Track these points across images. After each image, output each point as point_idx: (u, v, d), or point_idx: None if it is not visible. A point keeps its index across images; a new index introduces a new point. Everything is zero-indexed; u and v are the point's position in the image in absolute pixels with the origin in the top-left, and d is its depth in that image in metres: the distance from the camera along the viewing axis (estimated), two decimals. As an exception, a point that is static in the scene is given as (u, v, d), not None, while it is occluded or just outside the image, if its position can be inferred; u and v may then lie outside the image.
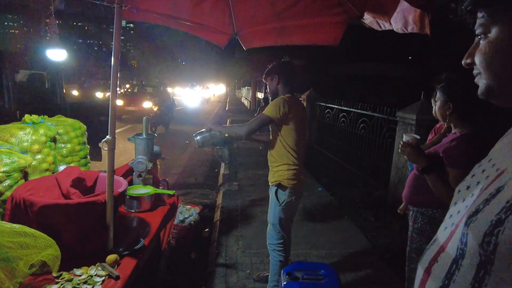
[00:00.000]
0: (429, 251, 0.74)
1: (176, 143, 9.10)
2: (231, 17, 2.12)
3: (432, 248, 0.74)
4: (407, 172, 4.38)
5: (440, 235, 0.74)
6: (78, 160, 2.17)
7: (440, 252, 0.69)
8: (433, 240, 0.76)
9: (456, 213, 0.73)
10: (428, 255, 0.73)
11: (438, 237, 0.75)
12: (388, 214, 4.16)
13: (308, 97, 8.89)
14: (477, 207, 0.61)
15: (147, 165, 2.25)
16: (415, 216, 1.99)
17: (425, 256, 0.75)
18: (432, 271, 0.69)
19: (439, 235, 0.75)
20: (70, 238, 1.49)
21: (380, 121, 5.44)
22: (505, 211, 0.55)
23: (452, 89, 1.81)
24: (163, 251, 2.54)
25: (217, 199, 4.74)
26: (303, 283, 1.79)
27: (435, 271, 0.68)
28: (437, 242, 0.73)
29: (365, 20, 1.64)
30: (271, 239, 2.38)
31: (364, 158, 6.05)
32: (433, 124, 2.56)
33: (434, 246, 0.73)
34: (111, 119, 1.47)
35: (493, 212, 0.57)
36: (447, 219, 0.76)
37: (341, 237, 3.56)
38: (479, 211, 0.60)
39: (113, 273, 1.40)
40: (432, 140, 2.18)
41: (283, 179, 2.25)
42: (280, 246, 2.36)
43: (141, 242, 1.66)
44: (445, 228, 0.74)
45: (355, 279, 2.81)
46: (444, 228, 0.74)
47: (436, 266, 0.68)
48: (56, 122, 2.10)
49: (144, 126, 2.32)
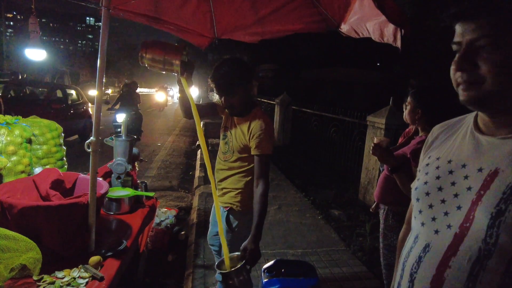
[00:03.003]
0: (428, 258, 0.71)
1: (149, 145, 8.93)
2: (213, 22, 2.17)
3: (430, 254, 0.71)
4: (376, 173, 4.59)
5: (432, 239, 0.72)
6: (55, 162, 2.12)
7: (451, 256, 0.67)
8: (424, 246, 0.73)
9: (442, 215, 0.72)
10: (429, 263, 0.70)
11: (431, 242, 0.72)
12: (360, 214, 4.35)
13: (281, 101, 9.05)
14: (496, 207, 0.63)
15: (127, 167, 2.23)
16: (386, 214, 2.13)
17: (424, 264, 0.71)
18: (447, 277, 0.66)
19: (430, 240, 0.72)
20: (51, 240, 1.47)
21: (351, 125, 5.66)
22: None
23: (422, 95, 1.96)
24: (141, 253, 2.52)
25: (193, 201, 4.72)
26: (283, 280, 1.85)
27: (451, 277, 0.66)
28: (435, 247, 0.71)
29: (342, 29, 1.74)
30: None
31: (336, 160, 6.26)
32: (401, 128, 2.74)
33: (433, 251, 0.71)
34: (95, 120, 1.46)
35: None
36: (428, 222, 0.75)
37: (316, 237, 3.68)
38: (504, 210, 0.62)
39: (97, 274, 1.40)
40: (401, 142, 2.34)
41: (235, 202, 1.92)
42: None
43: (123, 243, 1.65)
44: (435, 231, 0.72)
45: (331, 276, 2.92)
46: (434, 231, 0.72)
47: (451, 272, 0.66)
48: (31, 123, 2.04)
49: (124, 127, 2.30)
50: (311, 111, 7.45)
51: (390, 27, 1.41)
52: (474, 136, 0.74)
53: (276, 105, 9.50)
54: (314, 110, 7.26)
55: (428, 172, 0.80)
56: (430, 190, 0.76)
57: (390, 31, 1.46)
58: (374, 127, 4.78)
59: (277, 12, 1.92)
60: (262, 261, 3.06)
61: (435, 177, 0.77)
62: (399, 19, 1.26)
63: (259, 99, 12.54)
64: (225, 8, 2.07)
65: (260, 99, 12.34)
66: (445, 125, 0.88)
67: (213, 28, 2.19)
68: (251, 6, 1.94)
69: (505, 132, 0.69)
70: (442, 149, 0.82)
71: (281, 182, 5.76)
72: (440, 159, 0.79)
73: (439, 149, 0.83)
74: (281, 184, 5.60)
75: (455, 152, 0.77)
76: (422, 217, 0.77)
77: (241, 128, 1.87)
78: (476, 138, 0.74)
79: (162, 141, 9.75)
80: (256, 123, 1.80)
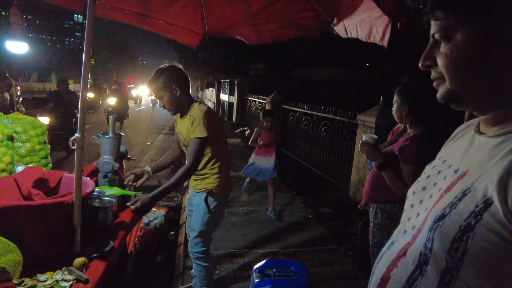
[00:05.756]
0: (387, 255, 0.70)
1: (137, 144, 8.81)
2: (203, 18, 2.12)
3: (389, 252, 0.70)
4: (366, 172, 4.61)
5: (398, 239, 0.70)
6: (38, 160, 2.05)
7: (401, 256, 0.65)
8: (390, 244, 0.72)
9: (415, 216, 0.70)
10: (385, 260, 0.69)
11: (395, 240, 0.71)
12: (351, 212, 4.35)
13: (272, 100, 9.03)
14: (442, 211, 0.58)
15: (114, 166, 2.17)
16: (375, 212, 2.12)
17: (382, 261, 0.70)
18: (392, 276, 0.65)
19: (397, 239, 0.71)
20: (33, 242, 1.41)
21: (341, 124, 5.67)
22: (475, 216, 0.52)
23: (408, 92, 1.96)
24: (129, 254, 2.46)
25: (183, 201, 4.66)
26: (275, 280, 1.82)
27: (395, 276, 0.64)
28: (395, 246, 0.69)
29: (334, 25, 1.72)
30: (195, 247, 2.24)
31: (326, 159, 6.27)
32: (392, 127, 2.74)
33: (392, 250, 0.69)
34: (80, 117, 1.41)
35: (461, 216, 0.54)
36: (405, 222, 0.73)
37: (307, 236, 3.66)
38: (445, 215, 0.56)
39: (82, 276, 1.34)
40: (390, 140, 2.34)
41: (214, 186, 2.16)
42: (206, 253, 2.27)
43: (110, 244, 1.60)
44: (404, 231, 0.70)
45: (323, 275, 2.91)
46: (403, 231, 0.70)
47: (396, 271, 0.64)
48: (13, 120, 1.97)
49: (111, 125, 2.24)
50: (301, 110, 7.45)
51: (380, 25, 1.39)
52: (472, 136, 0.69)
53: (267, 104, 9.47)
54: (304, 109, 7.26)
55: (426, 171, 0.77)
56: (417, 190, 0.74)
57: (380, 29, 1.44)
58: (365, 126, 4.79)
59: (269, 8, 1.89)
60: (253, 261, 3.04)
61: (426, 176, 0.74)
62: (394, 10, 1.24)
63: (250, 98, 12.51)
64: (215, 3, 2.03)
65: (251, 98, 12.31)
66: (466, 125, 0.80)
67: (204, 24, 2.15)
68: (242, 1, 1.90)
69: (496, 129, 0.62)
70: (448, 150, 0.77)
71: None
72: (440, 159, 0.76)
73: (447, 149, 0.78)
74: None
75: (452, 152, 0.73)
76: (403, 216, 0.75)
77: (185, 125, 2.12)
78: (472, 138, 0.69)
79: (151, 140, 9.64)
80: (192, 114, 2.06)
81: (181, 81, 2.09)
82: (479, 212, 0.52)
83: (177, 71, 2.11)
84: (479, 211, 0.52)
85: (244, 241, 3.48)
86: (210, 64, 28.82)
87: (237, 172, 6.47)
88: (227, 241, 3.44)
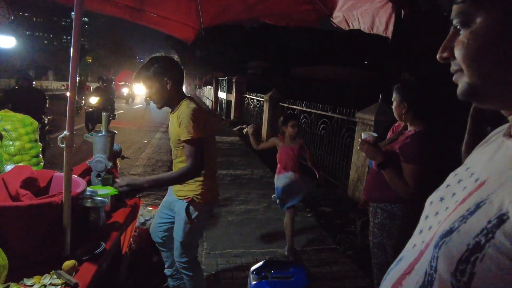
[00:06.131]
0: (393, 272, 0.63)
1: (134, 142, 8.74)
2: (198, 11, 2.06)
3: (397, 268, 0.62)
4: (365, 170, 4.57)
5: (407, 254, 0.63)
6: (29, 159, 1.98)
7: (406, 274, 0.58)
8: (398, 259, 0.65)
9: (427, 229, 0.60)
10: (391, 277, 0.62)
11: (404, 256, 0.63)
12: (350, 211, 4.31)
13: (270, 98, 8.99)
14: (451, 225, 0.49)
15: (107, 164, 2.11)
16: (375, 211, 2.07)
17: (388, 278, 0.63)
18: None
19: (405, 254, 0.64)
20: (20, 244, 1.35)
21: (340, 122, 5.62)
22: (486, 233, 0.44)
23: (406, 89, 1.92)
24: (123, 255, 2.40)
25: (180, 200, 4.61)
26: (272, 282, 1.78)
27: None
28: (403, 262, 0.62)
29: (334, 19, 1.67)
30: (179, 258, 2.13)
31: (325, 157, 6.22)
32: (391, 125, 2.69)
33: (399, 266, 0.62)
34: (69, 114, 1.35)
35: (470, 233, 0.46)
36: (416, 234, 0.64)
37: (306, 235, 3.62)
38: (453, 230, 0.48)
39: (71, 280, 1.29)
40: (390, 138, 2.29)
41: (195, 195, 1.99)
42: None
43: (101, 246, 1.54)
44: (413, 245, 0.62)
45: (322, 275, 2.86)
46: (413, 246, 0.62)
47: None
48: (2, 117, 1.90)
49: (104, 123, 2.18)
50: (300, 108, 7.40)
51: (383, 15, 1.34)
52: (500, 140, 0.60)
53: (265, 102, 9.42)
54: (303, 107, 7.21)
55: (447, 179, 0.67)
56: (434, 200, 0.65)
57: (382, 19, 1.39)
58: (364, 124, 4.75)
59: (267, 1, 1.83)
60: (251, 260, 2.99)
61: (446, 185, 0.64)
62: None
63: (248, 96, 12.45)
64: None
65: (249, 96, 12.24)
66: (501, 128, 0.68)
67: (199, 17, 2.09)
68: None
69: None
70: (475, 155, 0.67)
71: (270, 179, 5.68)
72: (464, 166, 0.65)
73: (474, 155, 0.68)
74: (270, 182, 5.53)
75: (478, 158, 0.63)
76: (416, 228, 0.66)
77: (173, 123, 1.95)
78: (499, 142, 0.59)
79: (149, 138, 9.56)
80: (180, 114, 1.87)
81: (174, 73, 1.91)
82: (492, 229, 0.43)
83: (172, 63, 1.94)
84: (492, 228, 0.43)
85: (241, 240, 3.43)
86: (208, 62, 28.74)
87: (234, 170, 6.44)
88: (224, 240, 3.39)
